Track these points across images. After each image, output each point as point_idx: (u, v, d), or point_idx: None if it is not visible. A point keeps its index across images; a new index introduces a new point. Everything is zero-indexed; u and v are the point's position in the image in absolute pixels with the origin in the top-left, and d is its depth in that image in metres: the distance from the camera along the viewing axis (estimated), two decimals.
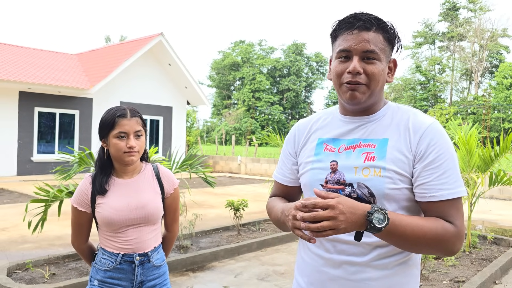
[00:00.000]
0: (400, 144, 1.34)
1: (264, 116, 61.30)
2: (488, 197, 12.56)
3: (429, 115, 1.43)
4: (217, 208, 9.39)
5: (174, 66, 19.08)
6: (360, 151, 1.37)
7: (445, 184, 1.28)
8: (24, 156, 15.44)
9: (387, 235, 1.23)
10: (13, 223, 7.41)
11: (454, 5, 54.93)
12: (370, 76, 1.33)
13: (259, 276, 5.03)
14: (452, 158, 1.31)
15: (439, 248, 1.27)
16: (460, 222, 1.29)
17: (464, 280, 4.71)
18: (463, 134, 5.93)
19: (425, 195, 1.30)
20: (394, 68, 1.43)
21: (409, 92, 55.49)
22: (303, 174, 1.49)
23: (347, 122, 1.45)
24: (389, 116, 1.40)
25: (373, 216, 1.18)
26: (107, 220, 1.99)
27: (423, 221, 1.27)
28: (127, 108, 2.03)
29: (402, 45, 1.42)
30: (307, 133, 1.53)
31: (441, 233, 1.25)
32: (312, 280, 1.42)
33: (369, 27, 1.32)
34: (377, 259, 1.33)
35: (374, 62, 1.33)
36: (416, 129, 1.34)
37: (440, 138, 1.32)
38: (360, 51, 1.32)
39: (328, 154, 1.42)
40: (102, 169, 2.07)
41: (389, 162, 1.32)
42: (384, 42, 1.35)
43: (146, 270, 2.05)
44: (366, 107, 1.40)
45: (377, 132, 1.38)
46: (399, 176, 1.31)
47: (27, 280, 4.40)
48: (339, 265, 1.35)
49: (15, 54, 17.81)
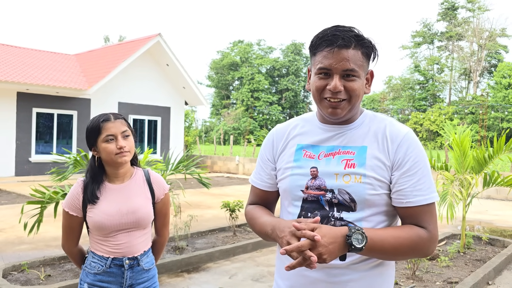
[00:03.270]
0: (379, 152, 1.40)
1: (263, 116, 61.31)
2: (485, 197, 12.59)
3: (404, 124, 1.48)
4: (214, 209, 9.42)
5: (172, 67, 19.10)
6: (340, 158, 1.42)
7: (420, 191, 1.36)
8: (22, 157, 15.45)
9: (368, 252, 1.31)
10: (10, 224, 7.43)
11: (452, 4, 54.98)
12: (351, 92, 1.38)
13: (254, 277, 5.06)
14: (426, 166, 1.39)
15: (415, 253, 1.37)
16: (433, 226, 1.37)
17: (458, 281, 4.73)
18: (457, 135, 5.96)
19: (401, 201, 1.37)
20: (371, 79, 1.47)
21: (408, 91, 55.54)
22: (282, 179, 1.51)
23: (326, 129, 1.49)
24: (366, 124, 1.46)
25: (352, 239, 1.26)
26: (98, 224, 2.02)
27: (398, 231, 1.35)
28: (109, 113, 2.08)
29: (378, 55, 1.46)
30: (285, 139, 1.56)
31: (416, 241, 1.34)
32: (293, 284, 1.46)
33: (349, 45, 1.36)
34: (357, 261, 1.38)
35: (354, 79, 1.38)
36: (394, 137, 1.40)
37: (416, 147, 1.39)
38: (340, 70, 1.36)
39: (308, 160, 1.46)
40: (93, 178, 2.09)
41: (369, 169, 1.37)
42: (362, 58, 1.40)
43: (135, 274, 2.08)
44: (344, 119, 1.45)
45: (356, 140, 1.43)
46: (379, 183, 1.37)
47: (23, 282, 4.42)
48: (320, 268, 1.39)
49: (13, 54, 17.81)
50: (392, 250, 1.32)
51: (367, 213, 1.37)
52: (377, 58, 1.46)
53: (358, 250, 1.27)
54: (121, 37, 55.01)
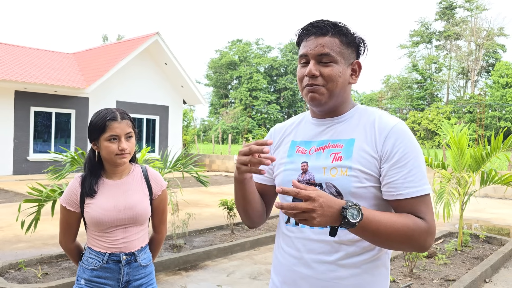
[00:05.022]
0: (366, 144, 1.38)
1: (261, 115, 61.31)
2: (482, 196, 12.62)
3: (395, 116, 1.47)
4: (212, 207, 9.42)
5: (170, 65, 19.08)
6: (329, 151, 1.43)
7: (411, 182, 1.33)
8: (20, 156, 15.43)
9: (361, 231, 1.27)
10: (8, 223, 7.43)
11: (450, 4, 55.06)
12: (327, 78, 1.39)
13: (252, 275, 5.06)
14: (417, 157, 1.36)
15: (411, 243, 1.31)
16: (430, 217, 1.34)
17: (455, 278, 4.75)
18: (454, 133, 5.97)
19: (392, 194, 1.35)
20: (359, 70, 1.48)
21: (406, 91, 55.63)
22: (277, 175, 1.54)
23: (317, 124, 1.51)
24: (357, 117, 1.46)
25: (347, 211, 1.21)
26: (96, 220, 2.02)
27: (395, 217, 1.31)
28: (116, 111, 2.05)
29: (367, 47, 1.48)
30: (281, 136, 1.60)
31: (412, 228, 1.30)
32: (285, 279, 1.47)
33: (325, 32, 1.41)
34: (345, 258, 1.37)
35: (330, 65, 1.40)
36: (382, 129, 1.38)
37: (405, 138, 1.36)
38: (315, 55, 1.40)
39: (300, 155, 1.48)
40: (92, 171, 2.09)
41: (355, 161, 1.36)
42: (341, 45, 1.41)
43: (132, 270, 2.08)
44: (331, 108, 1.46)
45: (345, 132, 1.44)
46: (365, 175, 1.36)
47: (20, 280, 4.42)
48: (309, 264, 1.39)
49: (11, 53, 17.77)
50: (386, 234, 1.28)
51: None
52: (366, 50, 1.48)
53: (351, 225, 1.22)
54: (119, 36, 54.93)
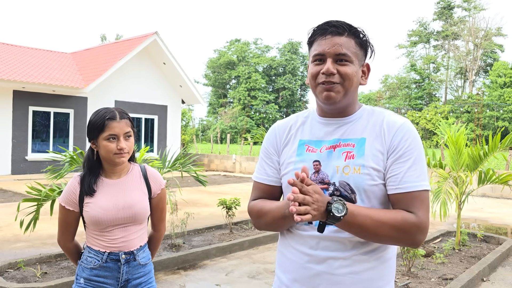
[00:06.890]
0: (376, 142, 1.43)
1: (259, 115, 61.29)
2: (480, 195, 12.65)
3: (401, 116, 1.52)
4: (210, 207, 9.43)
5: (168, 65, 19.08)
6: (340, 150, 1.45)
7: (410, 177, 1.38)
8: (18, 155, 15.41)
9: (347, 225, 1.31)
10: (6, 222, 7.43)
11: (448, 4, 55.11)
12: (344, 76, 1.42)
13: (250, 274, 5.08)
14: (420, 155, 1.41)
15: (400, 237, 1.35)
16: (423, 213, 1.36)
17: (452, 277, 4.77)
18: (452, 133, 5.99)
19: (392, 187, 1.39)
20: (368, 72, 1.52)
21: (404, 90, 55.66)
22: (286, 174, 1.53)
23: (326, 123, 1.52)
24: (365, 118, 1.49)
25: (332, 206, 1.27)
26: (95, 219, 2.03)
27: (383, 212, 1.36)
28: (115, 110, 2.06)
29: (374, 50, 1.51)
30: (287, 134, 1.59)
31: (400, 222, 1.33)
32: (296, 277, 1.47)
33: (341, 32, 1.43)
34: (358, 253, 1.41)
35: (346, 64, 1.42)
36: (390, 127, 1.43)
37: (411, 136, 1.42)
38: (333, 54, 1.41)
39: (310, 154, 1.49)
40: (91, 170, 2.10)
41: (367, 159, 1.41)
42: (356, 46, 1.45)
43: (131, 269, 2.09)
44: (342, 108, 1.48)
45: (355, 132, 1.47)
46: (376, 172, 1.40)
47: (19, 279, 4.43)
48: (323, 260, 1.41)
49: (9, 52, 17.75)
50: (373, 228, 1.32)
51: (366, 205, 1.39)
52: (374, 54, 1.51)
53: (336, 220, 1.27)
54: (118, 36, 54.81)
